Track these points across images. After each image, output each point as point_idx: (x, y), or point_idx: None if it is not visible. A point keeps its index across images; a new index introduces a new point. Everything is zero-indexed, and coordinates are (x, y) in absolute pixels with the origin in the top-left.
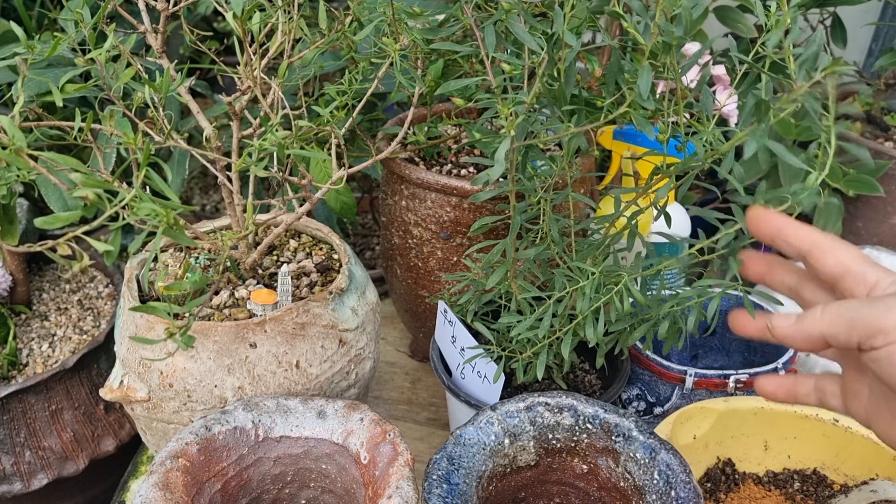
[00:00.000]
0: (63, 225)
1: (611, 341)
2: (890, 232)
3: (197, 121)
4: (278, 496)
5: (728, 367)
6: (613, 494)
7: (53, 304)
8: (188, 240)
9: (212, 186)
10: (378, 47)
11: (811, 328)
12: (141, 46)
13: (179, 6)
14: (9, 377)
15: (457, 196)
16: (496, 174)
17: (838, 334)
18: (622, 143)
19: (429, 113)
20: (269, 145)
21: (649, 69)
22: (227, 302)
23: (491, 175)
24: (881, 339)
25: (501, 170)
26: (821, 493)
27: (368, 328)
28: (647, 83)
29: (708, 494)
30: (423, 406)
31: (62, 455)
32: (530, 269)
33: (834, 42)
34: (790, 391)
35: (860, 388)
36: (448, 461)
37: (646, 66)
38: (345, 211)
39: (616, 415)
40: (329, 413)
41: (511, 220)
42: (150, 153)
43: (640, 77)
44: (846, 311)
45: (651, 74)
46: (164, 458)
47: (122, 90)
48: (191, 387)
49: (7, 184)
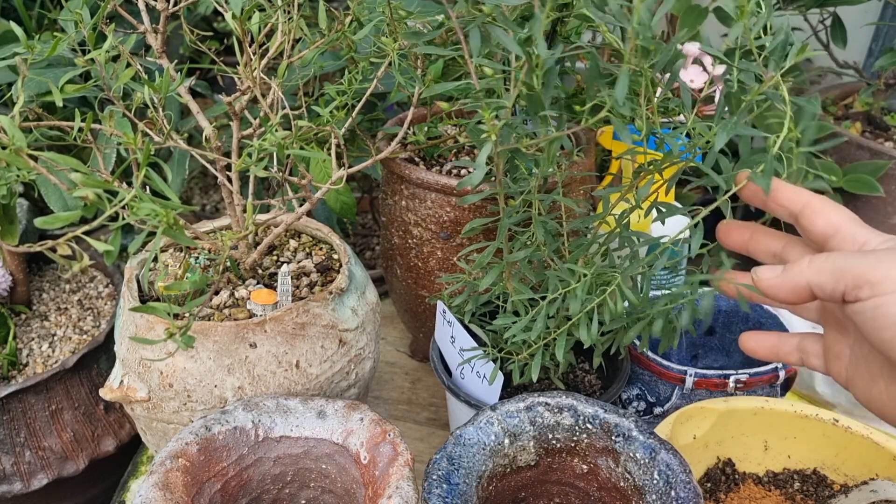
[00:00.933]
0: (63, 225)
1: (607, 341)
2: (890, 232)
3: (197, 121)
4: (278, 496)
5: (728, 367)
6: (613, 494)
7: (53, 304)
8: (188, 240)
9: (212, 186)
10: (377, 47)
11: (798, 277)
12: (141, 46)
13: (179, 6)
14: (9, 377)
15: (457, 196)
16: (477, 178)
17: (824, 284)
18: (622, 144)
19: (429, 113)
20: (269, 145)
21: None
22: (227, 302)
23: (473, 179)
24: (867, 291)
25: (482, 174)
26: (821, 493)
27: (368, 328)
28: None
29: (708, 494)
30: (423, 406)
31: (62, 455)
32: (525, 271)
33: (834, 42)
34: (772, 349)
35: (842, 348)
36: (448, 461)
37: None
38: (345, 211)
39: (616, 415)
40: (329, 413)
41: (500, 221)
42: (150, 153)
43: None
44: (835, 260)
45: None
46: (164, 458)
47: (121, 90)
48: (191, 387)
49: (7, 184)
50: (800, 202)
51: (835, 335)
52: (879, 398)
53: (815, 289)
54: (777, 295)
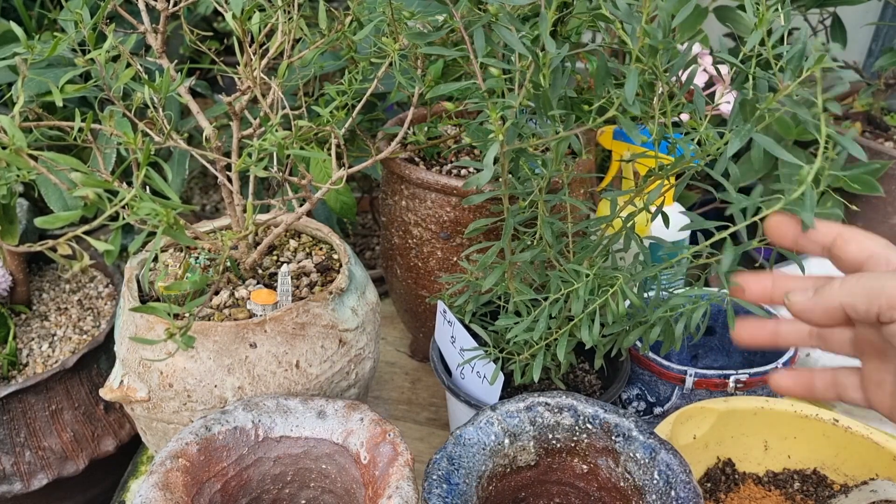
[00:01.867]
0: (63, 225)
1: (608, 342)
2: (890, 232)
3: (197, 121)
4: (278, 496)
5: (728, 367)
6: (613, 494)
7: (53, 304)
8: (188, 240)
9: (212, 186)
10: (378, 47)
11: (829, 300)
12: (141, 46)
13: (179, 6)
14: (9, 377)
15: (457, 196)
16: (485, 179)
17: (858, 304)
18: (622, 143)
19: (429, 113)
20: (269, 145)
21: (636, 73)
22: (227, 302)
23: (480, 180)
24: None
25: (490, 175)
26: (821, 493)
27: (368, 328)
28: (632, 88)
29: (708, 494)
30: (423, 406)
31: (62, 455)
32: (527, 271)
33: (834, 42)
34: (807, 386)
35: (883, 376)
36: (448, 461)
37: (633, 71)
38: (345, 211)
39: (616, 415)
40: (329, 413)
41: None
42: (150, 153)
43: (627, 81)
44: (867, 280)
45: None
46: (164, 458)
47: (121, 90)
48: (191, 387)
49: (7, 184)
50: (831, 234)
51: (875, 364)
52: None
53: (848, 310)
54: (810, 318)
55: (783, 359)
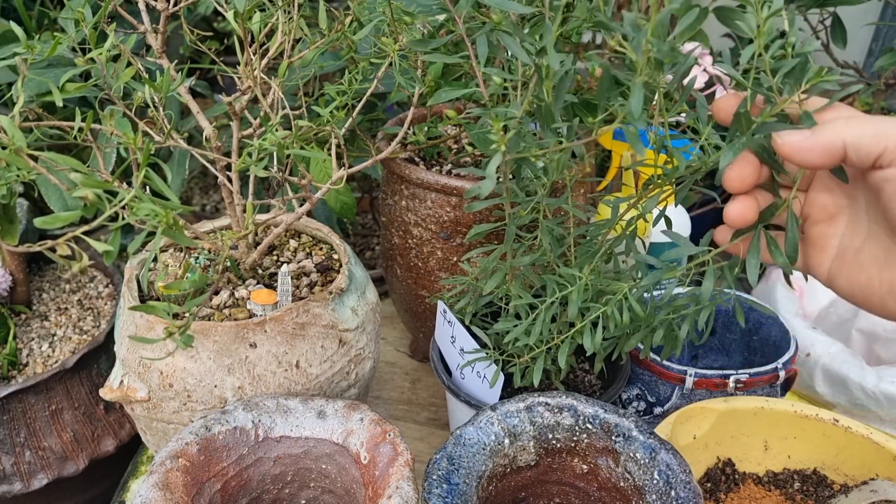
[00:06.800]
0: (63, 225)
1: (608, 346)
2: None
3: (197, 121)
4: (278, 496)
5: (728, 367)
6: (613, 494)
7: (53, 304)
8: (187, 240)
9: (212, 186)
10: (377, 47)
11: (833, 136)
12: (141, 46)
13: (179, 6)
14: (9, 377)
15: (457, 196)
16: (487, 189)
17: (863, 144)
18: (622, 144)
19: (429, 113)
20: (269, 145)
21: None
22: (227, 302)
23: (482, 190)
24: None
25: (492, 185)
26: (821, 493)
27: (368, 328)
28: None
29: (708, 494)
30: (423, 406)
31: (62, 455)
32: (526, 275)
33: (834, 42)
34: (749, 216)
35: (829, 240)
36: (448, 461)
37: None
38: (345, 211)
39: (616, 415)
40: (329, 413)
41: (507, 227)
42: (150, 153)
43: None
44: (878, 122)
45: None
46: (164, 458)
47: (122, 90)
48: (191, 387)
49: (7, 184)
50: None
51: (823, 228)
52: (868, 286)
53: (850, 150)
54: (807, 157)
55: (783, 359)
